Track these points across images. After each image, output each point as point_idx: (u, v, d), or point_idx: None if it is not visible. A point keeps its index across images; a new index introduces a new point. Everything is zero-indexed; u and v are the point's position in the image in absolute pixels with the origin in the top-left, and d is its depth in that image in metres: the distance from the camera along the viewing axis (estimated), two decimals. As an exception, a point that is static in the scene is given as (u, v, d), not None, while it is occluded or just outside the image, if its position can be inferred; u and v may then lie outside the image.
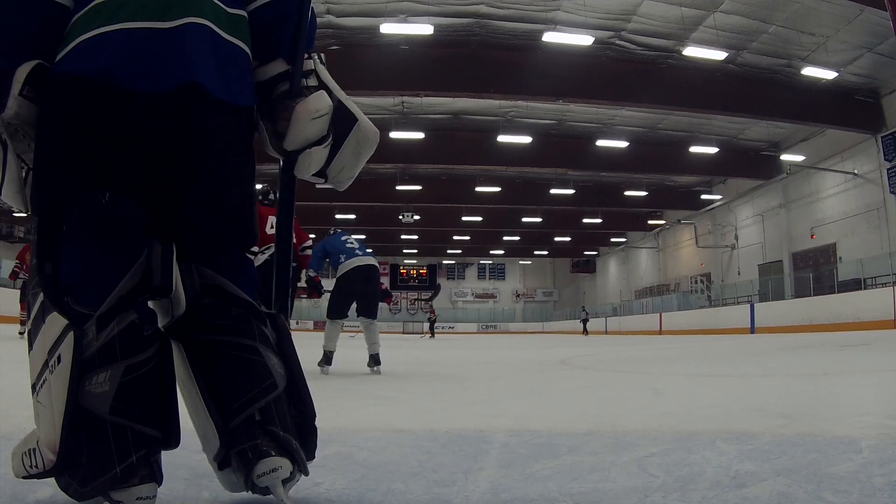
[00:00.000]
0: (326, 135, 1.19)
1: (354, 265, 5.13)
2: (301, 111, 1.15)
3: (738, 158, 21.96)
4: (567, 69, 14.93)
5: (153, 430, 1.01)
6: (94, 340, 0.97)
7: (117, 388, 0.97)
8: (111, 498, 0.97)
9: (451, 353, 9.98)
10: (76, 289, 0.98)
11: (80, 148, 1.00)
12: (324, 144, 1.19)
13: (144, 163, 1.03)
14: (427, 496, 1.27)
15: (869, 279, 16.79)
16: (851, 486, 1.29)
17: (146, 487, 0.98)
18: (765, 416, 2.34)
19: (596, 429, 2.15)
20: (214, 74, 1.06)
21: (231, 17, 1.11)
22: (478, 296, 46.96)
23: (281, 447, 1.08)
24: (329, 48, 14.92)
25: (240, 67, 1.12)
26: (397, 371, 5.75)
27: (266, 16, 1.17)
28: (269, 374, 1.10)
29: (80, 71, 1.00)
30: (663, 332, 24.70)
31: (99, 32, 1.00)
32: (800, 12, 13.15)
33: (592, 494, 1.27)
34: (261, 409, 1.08)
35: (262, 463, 1.05)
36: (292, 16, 1.18)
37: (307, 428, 1.15)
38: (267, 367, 1.10)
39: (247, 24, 1.15)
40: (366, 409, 2.87)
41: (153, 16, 1.01)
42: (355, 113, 1.24)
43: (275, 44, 1.19)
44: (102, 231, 1.00)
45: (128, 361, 0.98)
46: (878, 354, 6.28)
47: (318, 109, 1.16)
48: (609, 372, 5.43)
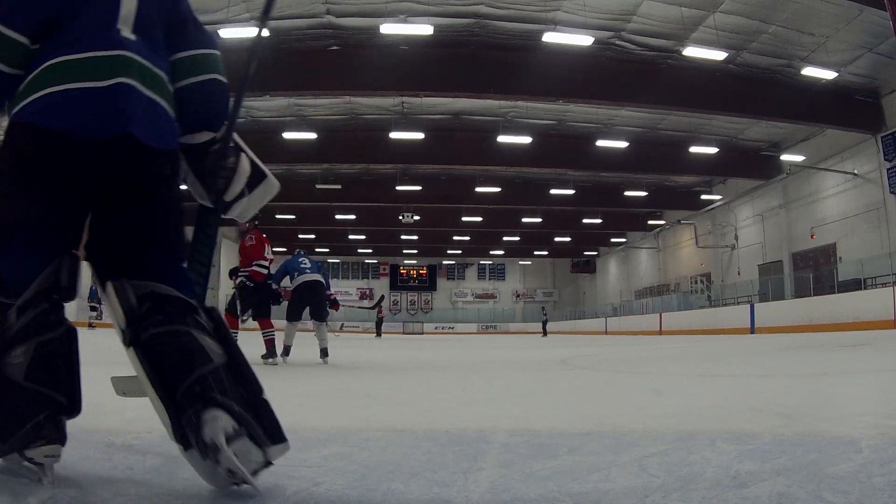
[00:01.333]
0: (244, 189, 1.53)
1: (302, 280, 6.67)
2: (240, 172, 1.49)
3: (738, 158, 21.96)
4: (567, 69, 14.94)
5: (60, 395, 1.24)
6: (15, 324, 1.22)
7: (30, 359, 1.20)
8: (25, 455, 1.19)
9: (451, 354, 9.98)
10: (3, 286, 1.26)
11: (26, 185, 1.27)
12: (247, 195, 1.54)
13: (83, 197, 1.31)
14: (427, 496, 1.27)
15: (869, 279, 16.79)
16: (851, 486, 1.29)
17: (53, 448, 1.20)
18: (765, 416, 2.34)
19: (596, 429, 2.15)
20: (142, 125, 1.30)
21: (154, 76, 1.36)
22: (478, 296, 46.97)
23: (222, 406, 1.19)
24: (329, 48, 14.95)
25: (161, 117, 1.37)
26: (397, 371, 5.75)
27: (195, 94, 1.47)
28: (203, 351, 1.26)
29: (36, 122, 1.24)
30: (663, 332, 24.70)
31: (50, 91, 1.24)
32: (800, 12, 13.15)
33: (592, 494, 1.27)
34: (200, 381, 1.21)
35: (204, 414, 1.17)
36: (217, 94, 1.50)
37: (256, 401, 1.28)
38: (201, 346, 1.27)
39: (167, 83, 1.41)
40: (366, 409, 2.87)
41: (93, 77, 1.26)
42: (264, 170, 1.60)
43: (204, 117, 1.50)
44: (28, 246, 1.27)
45: (39, 339, 1.22)
46: (878, 354, 6.29)
47: (246, 170, 1.50)
48: (609, 372, 5.43)
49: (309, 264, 6.78)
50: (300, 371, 5.40)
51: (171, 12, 1.48)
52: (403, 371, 5.78)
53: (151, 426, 2.13)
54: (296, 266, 6.73)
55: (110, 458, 1.58)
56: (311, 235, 36.15)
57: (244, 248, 6.33)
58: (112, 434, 1.93)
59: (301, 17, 13.72)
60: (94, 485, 1.31)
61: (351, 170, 24.22)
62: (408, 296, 46.71)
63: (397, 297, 46.53)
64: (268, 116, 19.38)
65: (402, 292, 46.62)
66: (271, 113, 19.11)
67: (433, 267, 46.52)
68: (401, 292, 46.62)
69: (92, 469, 1.45)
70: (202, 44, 1.53)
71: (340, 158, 21.15)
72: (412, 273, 46.89)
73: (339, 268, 46.44)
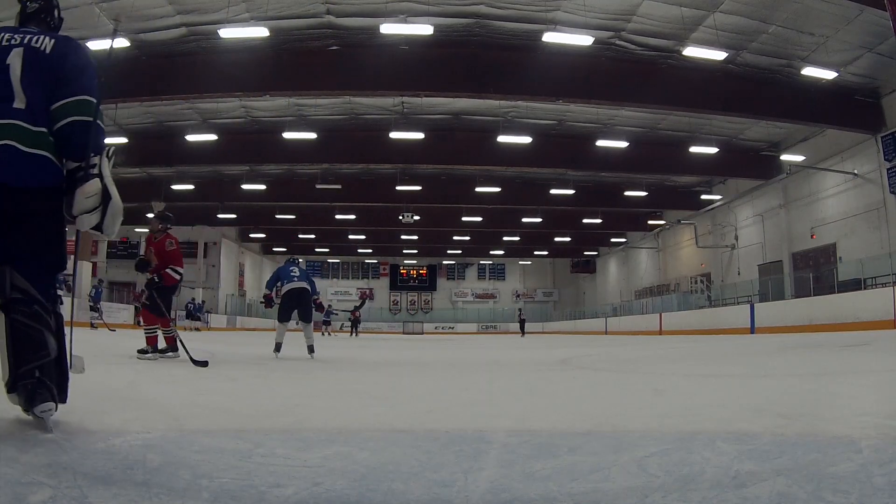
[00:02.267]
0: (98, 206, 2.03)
1: (289, 288, 7.45)
2: (78, 193, 1.99)
3: (738, 158, 21.95)
4: (567, 69, 14.93)
5: None
6: None
7: None
8: None
9: (451, 354, 9.98)
10: None
11: None
12: (92, 213, 2.02)
13: None
14: (427, 496, 1.27)
15: (869, 279, 16.77)
16: (851, 486, 1.29)
17: None
18: (765, 416, 2.34)
19: (596, 429, 2.15)
20: (16, 175, 1.89)
21: (34, 135, 1.95)
22: (478, 296, 46.97)
23: (51, 394, 1.88)
24: (329, 48, 14.94)
25: (39, 166, 1.96)
26: (397, 371, 5.75)
27: (62, 134, 2.00)
28: (46, 347, 1.89)
29: None
30: (663, 332, 24.69)
31: None
32: (800, 12, 13.14)
33: (592, 494, 1.27)
34: (40, 368, 1.85)
35: (41, 405, 1.85)
36: (75, 134, 2.01)
37: (63, 382, 2.00)
38: (45, 342, 1.89)
39: (47, 137, 1.98)
40: (366, 409, 2.87)
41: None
42: (111, 193, 2.05)
43: (69, 150, 2.03)
44: None
45: None
46: (878, 354, 6.28)
47: (90, 192, 2.00)
48: (609, 372, 5.43)
49: (298, 273, 7.59)
50: (300, 372, 5.41)
51: (58, 69, 2.02)
52: (403, 371, 5.78)
53: (151, 426, 2.13)
54: (286, 274, 7.55)
55: (110, 458, 1.58)
56: (311, 235, 36.16)
57: (163, 249, 6.59)
58: (112, 434, 1.93)
59: (301, 17, 13.72)
60: (95, 485, 1.31)
61: (351, 170, 24.22)
62: (408, 296, 46.71)
63: (397, 297, 46.53)
64: (268, 116, 19.38)
65: (402, 292, 46.62)
66: (271, 113, 19.11)
67: (433, 267, 46.51)
68: (401, 292, 46.61)
69: (92, 469, 1.45)
70: (75, 93, 2.03)
71: (340, 158, 21.15)
72: (412, 273, 46.89)
73: (339, 268, 46.44)
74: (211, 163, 21.87)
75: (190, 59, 14.93)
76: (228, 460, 1.60)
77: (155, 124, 19.70)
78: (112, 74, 14.81)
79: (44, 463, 1.49)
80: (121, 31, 13.34)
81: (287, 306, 7.57)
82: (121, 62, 14.65)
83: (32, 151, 1.93)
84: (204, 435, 2.04)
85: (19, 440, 1.76)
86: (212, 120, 19.09)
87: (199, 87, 15.31)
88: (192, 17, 13.56)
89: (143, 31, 13.85)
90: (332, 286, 45.46)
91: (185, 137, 19.28)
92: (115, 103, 16.86)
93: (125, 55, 14.26)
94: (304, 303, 7.49)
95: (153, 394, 3.28)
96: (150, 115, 19.02)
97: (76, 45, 2.11)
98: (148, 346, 6.30)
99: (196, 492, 1.26)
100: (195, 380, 4.27)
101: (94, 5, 12.50)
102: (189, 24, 13.88)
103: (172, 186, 24.66)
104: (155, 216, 6.96)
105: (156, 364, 5.64)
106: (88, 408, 2.43)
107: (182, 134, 19.45)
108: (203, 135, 19.45)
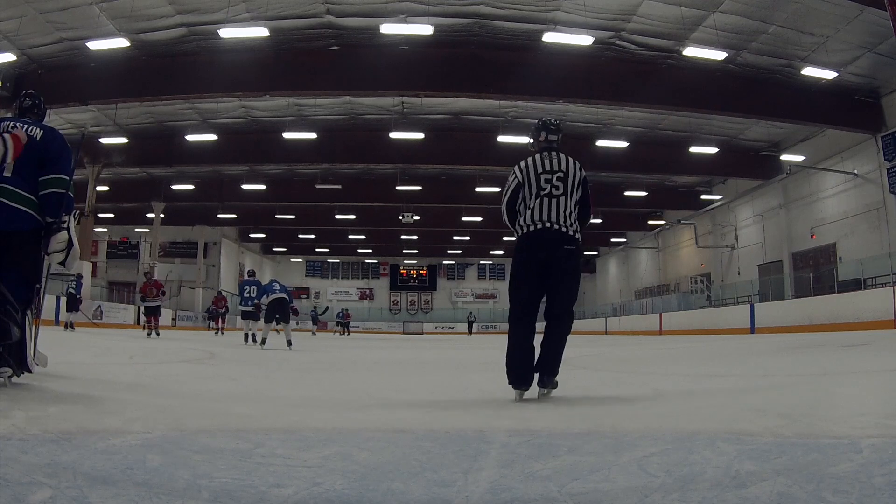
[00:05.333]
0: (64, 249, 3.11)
1: (273, 298, 10.24)
2: (52, 239, 3.06)
3: (738, 158, 21.94)
4: (567, 69, 14.93)
5: None
6: None
7: None
8: None
9: (451, 354, 9.98)
10: None
11: None
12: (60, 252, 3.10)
13: None
14: (427, 496, 1.27)
15: (869, 279, 16.77)
16: (851, 486, 1.29)
17: None
18: (765, 416, 2.34)
19: (596, 429, 2.15)
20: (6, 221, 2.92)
21: (21, 197, 2.98)
22: (478, 296, 46.94)
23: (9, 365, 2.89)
24: (329, 48, 14.95)
25: (23, 219, 2.98)
26: (397, 371, 5.75)
27: (44, 198, 3.04)
28: (10, 334, 2.82)
29: None
30: (663, 332, 24.68)
31: None
32: (800, 12, 13.14)
33: (592, 494, 1.27)
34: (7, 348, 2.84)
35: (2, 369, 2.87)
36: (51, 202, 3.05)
37: (22, 360, 2.99)
38: (10, 331, 2.82)
39: (31, 199, 3.01)
40: (366, 410, 2.87)
41: None
42: (74, 241, 3.14)
43: (48, 210, 3.05)
44: None
45: None
46: (878, 354, 6.28)
47: (60, 239, 3.07)
48: (609, 372, 5.43)
49: (278, 287, 10.41)
50: (300, 372, 5.41)
51: (44, 152, 3.08)
52: (404, 371, 5.78)
53: (151, 426, 2.13)
54: (270, 289, 10.42)
55: (110, 458, 1.58)
56: (311, 235, 36.15)
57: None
58: (112, 434, 1.93)
59: (301, 17, 13.73)
60: (95, 485, 1.31)
61: (351, 170, 24.21)
62: (408, 296, 46.69)
63: (397, 298, 46.52)
64: (268, 116, 19.39)
65: (402, 292, 46.59)
66: (271, 113, 19.12)
67: (433, 267, 46.48)
68: (401, 292, 46.58)
69: (92, 469, 1.45)
70: (54, 171, 3.08)
71: (340, 158, 21.15)
72: (412, 273, 46.86)
73: (339, 268, 46.42)
74: (211, 163, 21.87)
75: (190, 59, 14.94)
76: (228, 460, 1.60)
77: (155, 124, 19.70)
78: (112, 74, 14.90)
79: (44, 463, 1.49)
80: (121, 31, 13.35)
81: (271, 312, 10.21)
82: (121, 62, 14.67)
83: (18, 207, 2.96)
84: (204, 435, 2.04)
85: (19, 440, 1.75)
86: (212, 120, 19.09)
87: (199, 87, 15.32)
88: (192, 17, 13.56)
89: (143, 31, 13.85)
90: (333, 286, 45.46)
91: (185, 137, 19.29)
92: (114, 103, 16.89)
93: (125, 55, 14.27)
94: (284, 309, 10.18)
95: (153, 394, 3.29)
96: (149, 115, 19.02)
97: (58, 135, 3.18)
98: None
99: (196, 492, 1.26)
100: (195, 380, 4.27)
101: (94, 5, 12.51)
102: (189, 24, 13.88)
103: (172, 186, 24.67)
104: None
105: (156, 364, 5.65)
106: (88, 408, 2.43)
107: (182, 134, 19.46)
108: (203, 135, 19.45)
